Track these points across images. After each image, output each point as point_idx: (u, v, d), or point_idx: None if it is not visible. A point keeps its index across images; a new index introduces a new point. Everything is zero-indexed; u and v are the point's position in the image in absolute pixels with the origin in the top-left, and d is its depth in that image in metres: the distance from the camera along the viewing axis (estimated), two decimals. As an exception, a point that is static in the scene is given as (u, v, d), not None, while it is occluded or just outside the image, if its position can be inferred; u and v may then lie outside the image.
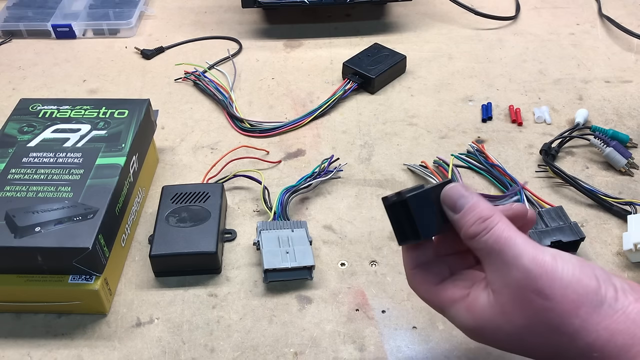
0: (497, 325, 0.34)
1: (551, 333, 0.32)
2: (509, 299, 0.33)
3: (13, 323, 0.49)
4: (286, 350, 0.47)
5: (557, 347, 0.33)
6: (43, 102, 0.59)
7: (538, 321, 0.32)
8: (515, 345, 0.34)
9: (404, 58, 0.76)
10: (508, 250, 0.33)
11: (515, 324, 0.33)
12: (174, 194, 0.55)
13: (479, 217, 0.35)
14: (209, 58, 0.80)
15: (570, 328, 0.32)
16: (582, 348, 0.32)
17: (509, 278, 0.33)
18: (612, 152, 0.61)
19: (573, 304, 0.32)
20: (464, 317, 0.36)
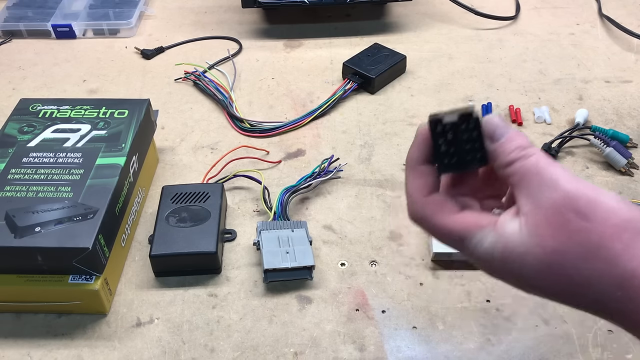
0: (526, 249, 0.31)
1: (587, 257, 0.30)
2: (543, 219, 0.31)
3: (13, 323, 0.49)
4: (286, 350, 0.47)
5: (589, 276, 0.30)
6: (43, 102, 0.59)
7: (574, 243, 0.30)
8: (542, 275, 0.31)
9: (404, 58, 0.76)
10: (546, 173, 0.31)
11: (547, 246, 0.31)
12: (174, 194, 0.55)
13: (518, 145, 0.33)
14: (209, 58, 0.80)
15: (611, 252, 0.29)
16: (621, 274, 0.29)
17: (545, 199, 0.31)
18: (612, 152, 0.61)
19: (616, 228, 0.30)
20: (490, 242, 0.32)
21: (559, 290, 0.31)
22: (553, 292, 0.32)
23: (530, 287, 0.33)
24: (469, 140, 0.34)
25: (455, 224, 0.34)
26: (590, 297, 0.30)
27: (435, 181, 0.36)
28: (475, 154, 0.34)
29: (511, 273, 0.33)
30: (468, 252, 0.34)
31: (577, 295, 0.31)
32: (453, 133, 0.34)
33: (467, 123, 0.34)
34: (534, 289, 0.33)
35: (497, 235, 0.32)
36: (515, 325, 0.48)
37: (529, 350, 0.46)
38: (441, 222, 0.35)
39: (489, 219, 0.34)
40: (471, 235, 0.33)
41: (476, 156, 0.34)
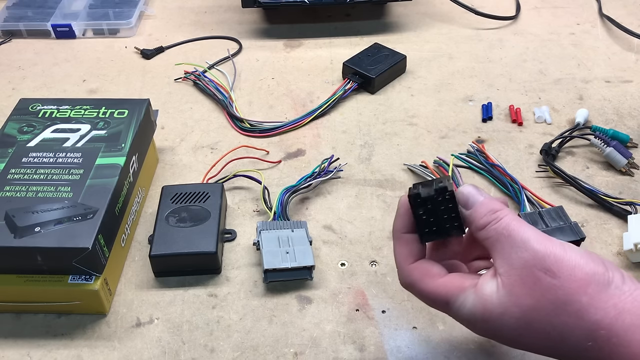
0: (505, 309, 0.34)
1: (558, 312, 0.32)
2: (517, 280, 0.33)
3: (13, 323, 0.49)
4: (286, 350, 0.47)
5: (562, 330, 0.32)
6: (43, 102, 0.59)
7: (546, 300, 0.33)
8: (521, 332, 0.34)
9: (404, 58, 0.76)
10: (517, 235, 0.34)
11: (523, 305, 0.33)
12: (174, 194, 0.55)
13: (490, 209, 0.36)
14: (209, 58, 0.80)
15: (577, 305, 0.32)
16: (589, 327, 0.32)
17: (517, 259, 0.34)
18: (612, 152, 0.61)
19: (581, 282, 0.32)
20: (471, 304, 0.35)
21: (540, 346, 0.34)
22: (534, 347, 0.34)
23: (513, 343, 0.35)
24: (446, 211, 0.37)
25: (439, 288, 0.37)
26: (567, 349, 0.32)
27: (420, 248, 0.39)
28: (453, 222, 0.37)
29: (493, 332, 0.35)
30: (453, 314, 0.37)
31: (555, 348, 0.33)
32: (431, 205, 0.37)
33: (443, 196, 0.37)
34: (518, 345, 0.35)
35: (477, 297, 0.35)
36: (515, 325, 0.48)
37: (529, 351, 0.46)
38: (426, 288, 0.38)
39: (472, 281, 0.36)
40: (454, 298, 0.36)
41: (454, 224, 0.38)
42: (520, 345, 0.35)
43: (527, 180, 0.60)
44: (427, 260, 0.39)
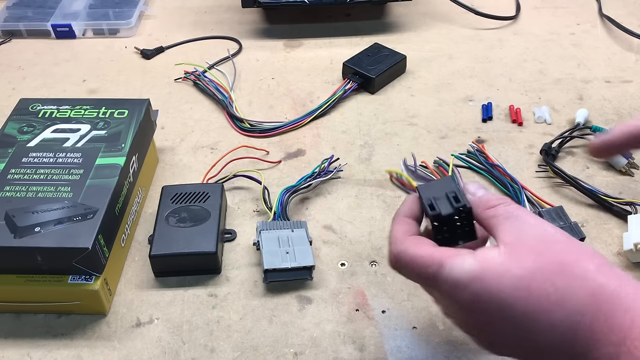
0: (505, 269, 0.33)
1: (565, 271, 0.32)
2: (527, 247, 0.34)
3: (13, 323, 0.49)
4: (286, 350, 0.47)
5: (564, 291, 0.32)
6: (43, 102, 0.59)
7: (552, 261, 0.33)
8: (519, 291, 0.33)
9: (404, 58, 0.76)
10: (528, 216, 0.36)
11: (527, 266, 0.33)
12: (174, 194, 0.55)
13: (499, 196, 0.38)
14: (209, 58, 0.80)
15: (584, 269, 0.32)
16: (593, 289, 0.31)
17: (528, 231, 0.35)
18: (612, 152, 0.61)
19: (589, 254, 0.33)
20: (469, 264, 0.34)
21: (533, 308, 0.32)
22: (527, 309, 0.32)
23: (502, 306, 0.33)
24: (463, 224, 0.39)
25: (434, 252, 0.36)
26: (562, 315, 0.32)
27: (417, 230, 0.40)
28: (466, 230, 0.39)
29: (486, 295, 0.33)
30: (443, 278, 0.35)
31: (551, 312, 0.32)
32: (450, 222, 0.39)
33: (461, 214, 0.38)
34: (508, 313, 0.33)
35: (476, 259, 0.34)
36: (515, 325, 0.48)
37: (529, 351, 0.46)
38: (419, 251, 0.37)
39: (467, 251, 0.36)
40: (450, 260, 0.35)
41: (467, 231, 0.39)
42: (509, 310, 0.33)
43: (527, 180, 0.60)
44: (422, 237, 0.39)
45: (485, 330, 0.35)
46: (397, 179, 0.60)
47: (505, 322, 0.33)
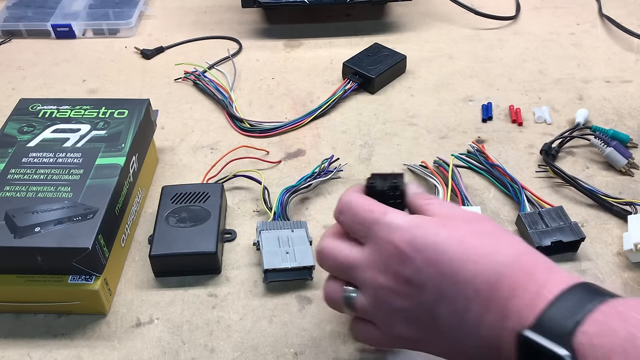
0: (441, 224, 0.37)
1: (492, 235, 0.37)
2: (459, 218, 0.38)
3: (13, 323, 0.49)
4: (286, 350, 0.47)
5: (492, 249, 0.36)
6: (43, 102, 0.59)
7: (483, 227, 0.37)
8: (451, 242, 0.36)
9: (404, 58, 0.76)
10: (461, 207, 0.43)
11: (460, 227, 0.37)
12: (174, 194, 0.55)
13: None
14: (209, 58, 0.80)
15: (514, 237, 0.37)
16: (519, 250, 0.36)
17: (461, 212, 0.39)
18: (612, 152, 0.61)
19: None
20: (409, 217, 0.38)
21: (462, 256, 0.35)
22: (456, 256, 0.35)
23: (436, 249, 0.36)
24: (394, 203, 0.41)
25: (373, 206, 0.39)
26: (489, 264, 0.35)
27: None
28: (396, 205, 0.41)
29: (424, 235, 0.36)
30: (384, 221, 0.37)
31: (477, 262, 0.35)
32: (383, 196, 0.41)
33: (394, 192, 0.41)
34: (439, 252, 0.36)
35: (416, 216, 0.38)
36: (515, 325, 0.48)
37: (529, 351, 0.46)
38: (367, 200, 0.40)
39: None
40: (392, 212, 0.38)
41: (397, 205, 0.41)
42: (443, 258, 0.35)
43: (527, 180, 0.60)
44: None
45: (411, 282, 0.36)
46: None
47: (435, 267, 0.35)
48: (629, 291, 0.50)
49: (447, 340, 0.36)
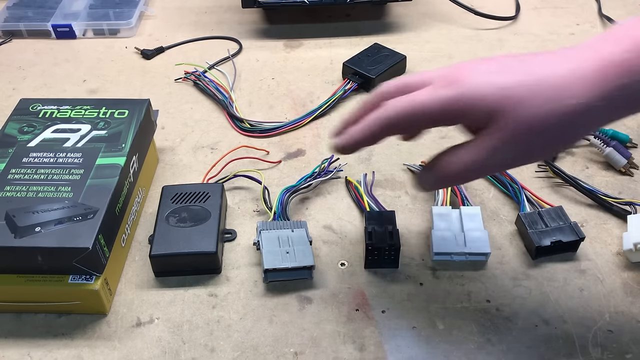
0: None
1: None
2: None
3: (13, 323, 0.49)
4: (286, 350, 0.47)
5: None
6: (43, 102, 0.59)
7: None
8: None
9: (404, 58, 0.76)
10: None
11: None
12: (174, 194, 0.55)
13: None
14: (209, 58, 0.80)
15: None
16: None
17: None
18: (612, 152, 0.61)
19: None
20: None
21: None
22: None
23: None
24: (389, 255, 0.52)
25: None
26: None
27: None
28: (391, 259, 0.53)
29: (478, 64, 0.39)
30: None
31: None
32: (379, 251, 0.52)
33: (390, 250, 0.52)
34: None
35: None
36: (515, 325, 0.48)
37: (529, 350, 0.46)
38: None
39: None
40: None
41: (391, 261, 0.53)
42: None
43: (526, 180, 0.60)
44: None
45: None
46: (353, 189, 0.60)
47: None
48: (628, 291, 0.50)
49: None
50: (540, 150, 0.39)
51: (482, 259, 0.53)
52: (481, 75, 0.37)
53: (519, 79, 0.36)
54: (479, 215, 0.54)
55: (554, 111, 0.36)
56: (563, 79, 0.36)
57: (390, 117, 0.39)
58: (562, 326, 0.48)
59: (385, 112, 0.39)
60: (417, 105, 0.38)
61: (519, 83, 0.36)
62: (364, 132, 0.40)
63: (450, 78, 0.38)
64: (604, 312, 0.49)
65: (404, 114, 0.38)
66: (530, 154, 0.39)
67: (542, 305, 0.50)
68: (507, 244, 0.55)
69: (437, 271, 0.53)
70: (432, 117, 0.39)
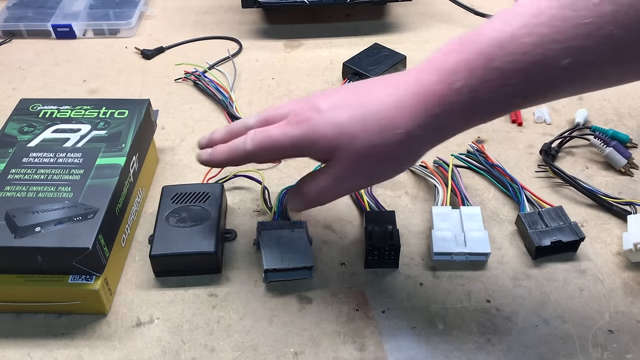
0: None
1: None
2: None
3: (13, 323, 0.49)
4: (286, 350, 0.47)
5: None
6: (43, 102, 0.59)
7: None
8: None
9: (404, 58, 0.76)
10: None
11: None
12: (174, 194, 0.55)
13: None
14: (209, 58, 0.80)
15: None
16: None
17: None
18: (612, 152, 0.61)
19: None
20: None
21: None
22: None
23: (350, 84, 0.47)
24: (389, 254, 0.53)
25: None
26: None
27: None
28: (391, 260, 0.53)
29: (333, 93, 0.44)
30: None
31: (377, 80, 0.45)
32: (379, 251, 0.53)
33: (390, 250, 0.52)
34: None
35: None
36: (515, 325, 0.48)
37: (529, 350, 0.46)
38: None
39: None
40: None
41: (391, 261, 0.53)
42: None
43: (527, 180, 0.61)
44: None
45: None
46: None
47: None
48: (628, 291, 0.50)
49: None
50: (380, 174, 0.44)
51: (482, 259, 0.53)
52: (324, 113, 0.42)
53: (353, 114, 0.41)
54: (479, 215, 0.54)
55: (382, 143, 0.40)
56: (389, 112, 0.40)
57: (248, 150, 0.45)
58: (562, 326, 0.48)
59: (245, 145, 0.45)
60: (271, 141, 0.44)
61: (353, 120, 0.41)
62: (226, 158, 0.47)
63: (300, 116, 0.43)
64: (604, 312, 0.49)
65: (260, 149, 0.44)
66: (371, 178, 0.44)
67: (542, 305, 0.50)
68: (507, 244, 0.55)
69: (437, 271, 0.53)
70: (284, 151, 0.44)
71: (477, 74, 0.37)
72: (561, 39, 0.34)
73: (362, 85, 0.44)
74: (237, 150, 0.46)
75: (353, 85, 0.44)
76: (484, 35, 0.37)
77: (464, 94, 0.38)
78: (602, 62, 0.35)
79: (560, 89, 0.37)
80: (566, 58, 0.34)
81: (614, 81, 0.37)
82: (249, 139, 0.45)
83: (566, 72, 0.35)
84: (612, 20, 0.33)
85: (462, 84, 0.38)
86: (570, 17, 0.34)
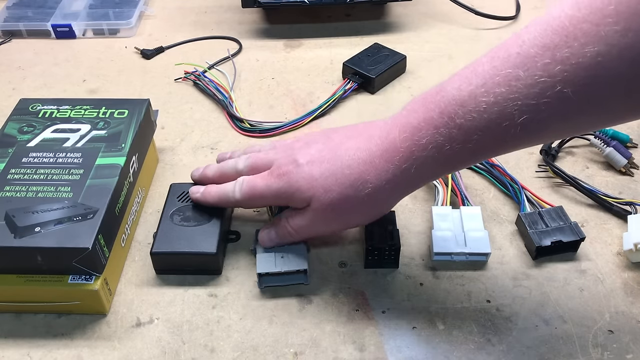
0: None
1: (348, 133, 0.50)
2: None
3: (13, 323, 0.49)
4: (286, 350, 0.47)
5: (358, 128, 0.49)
6: (43, 102, 0.59)
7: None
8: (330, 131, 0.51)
9: (404, 58, 0.76)
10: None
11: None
12: (181, 192, 0.55)
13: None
14: (209, 58, 0.80)
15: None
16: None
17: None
18: (612, 152, 0.61)
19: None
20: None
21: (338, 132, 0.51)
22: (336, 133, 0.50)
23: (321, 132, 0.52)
24: (389, 255, 0.53)
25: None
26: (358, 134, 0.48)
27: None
28: (391, 260, 0.53)
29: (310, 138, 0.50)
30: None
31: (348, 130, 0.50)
32: (379, 252, 0.53)
33: (390, 250, 0.53)
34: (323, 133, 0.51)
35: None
36: (515, 325, 0.48)
37: (529, 350, 0.46)
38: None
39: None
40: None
41: (391, 261, 0.53)
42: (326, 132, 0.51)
43: (527, 180, 0.60)
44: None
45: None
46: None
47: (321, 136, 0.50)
48: (629, 291, 0.50)
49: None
50: (353, 221, 0.49)
51: (482, 259, 0.53)
52: (301, 167, 0.47)
53: (327, 169, 0.45)
54: (479, 215, 0.54)
55: (353, 195, 0.44)
56: (359, 167, 0.44)
57: (237, 199, 0.50)
58: (562, 326, 0.48)
59: (234, 194, 0.50)
60: (255, 192, 0.49)
61: (325, 175, 0.45)
62: (217, 202, 0.52)
63: (281, 169, 0.48)
64: (604, 312, 0.49)
65: (247, 198, 0.49)
66: (345, 223, 0.49)
67: (542, 305, 0.49)
68: (507, 244, 0.55)
69: (437, 271, 0.53)
70: (268, 200, 0.50)
71: (441, 131, 0.40)
72: (516, 98, 0.36)
73: (337, 139, 0.48)
74: (227, 197, 0.51)
75: (329, 138, 0.48)
76: (447, 93, 0.40)
77: (430, 149, 0.40)
78: (556, 118, 0.37)
79: (521, 142, 0.39)
80: (522, 115, 0.36)
81: (573, 132, 0.40)
82: (237, 189, 0.50)
83: (525, 128, 0.37)
84: (562, 79, 0.35)
85: (427, 141, 0.40)
86: (523, 77, 0.36)
